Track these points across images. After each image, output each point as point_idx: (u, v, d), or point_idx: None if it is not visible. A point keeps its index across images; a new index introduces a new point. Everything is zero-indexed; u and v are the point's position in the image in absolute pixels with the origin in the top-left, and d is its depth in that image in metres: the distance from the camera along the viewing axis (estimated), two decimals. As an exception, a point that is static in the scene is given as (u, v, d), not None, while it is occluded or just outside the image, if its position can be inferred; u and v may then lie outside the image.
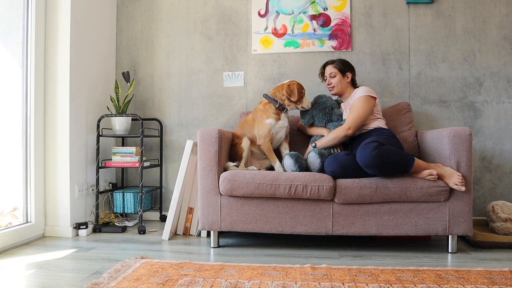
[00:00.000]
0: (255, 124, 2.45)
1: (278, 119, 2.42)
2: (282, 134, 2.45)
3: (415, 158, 2.11)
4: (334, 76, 2.52)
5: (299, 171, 2.23)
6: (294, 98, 2.40)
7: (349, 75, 2.54)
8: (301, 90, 2.43)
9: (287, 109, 2.45)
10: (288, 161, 2.28)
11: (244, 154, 2.39)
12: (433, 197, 2.08)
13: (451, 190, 2.10)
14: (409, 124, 2.61)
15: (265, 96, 2.49)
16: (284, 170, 2.34)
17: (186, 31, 3.12)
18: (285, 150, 2.50)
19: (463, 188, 2.04)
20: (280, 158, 2.49)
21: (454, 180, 2.05)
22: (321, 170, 2.24)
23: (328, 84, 2.57)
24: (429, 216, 2.11)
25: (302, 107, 2.47)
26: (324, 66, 2.62)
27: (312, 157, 2.27)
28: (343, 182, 2.12)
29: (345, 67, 2.53)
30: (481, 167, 2.83)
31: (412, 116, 2.65)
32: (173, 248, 2.29)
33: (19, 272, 1.85)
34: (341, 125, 2.40)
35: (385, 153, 2.04)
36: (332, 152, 2.39)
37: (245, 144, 2.41)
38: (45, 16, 2.57)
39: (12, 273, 1.83)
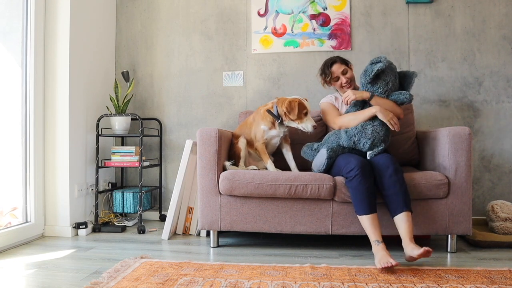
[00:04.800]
0: (253, 127, 2.45)
1: (273, 127, 2.38)
2: (276, 141, 2.43)
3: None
4: (347, 72, 2.44)
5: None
6: (293, 117, 2.28)
7: (352, 67, 2.51)
8: (302, 109, 2.28)
9: (283, 123, 2.36)
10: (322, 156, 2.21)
11: (242, 153, 2.39)
12: (432, 192, 2.07)
13: (450, 185, 2.09)
14: (411, 125, 2.58)
15: (269, 112, 2.38)
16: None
17: (186, 30, 3.11)
18: (287, 151, 2.48)
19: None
20: (282, 157, 2.49)
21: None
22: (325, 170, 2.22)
23: (346, 82, 2.43)
24: (428, 215, 2.11)
25: (302, 128, 2.31)
26: (330, 65, 2.45)
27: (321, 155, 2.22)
28: (342, 180, 2.11)
29: (347, 61, 2.50)
30: (481, 166, 2.83)
31: (413, 118, 2.63)
32: (173, 248, 2.29)
33: (19, 272, 1.85)
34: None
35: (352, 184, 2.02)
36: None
37: (241, 143, 2.41)
38: (44, 16, 2.57)
39: (12, 273, 1.83)
